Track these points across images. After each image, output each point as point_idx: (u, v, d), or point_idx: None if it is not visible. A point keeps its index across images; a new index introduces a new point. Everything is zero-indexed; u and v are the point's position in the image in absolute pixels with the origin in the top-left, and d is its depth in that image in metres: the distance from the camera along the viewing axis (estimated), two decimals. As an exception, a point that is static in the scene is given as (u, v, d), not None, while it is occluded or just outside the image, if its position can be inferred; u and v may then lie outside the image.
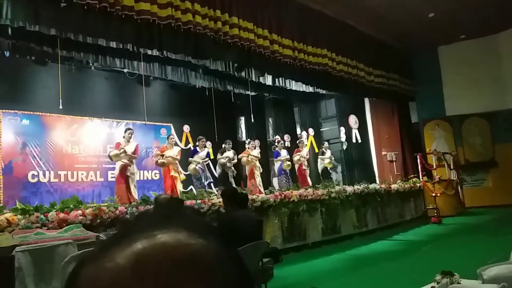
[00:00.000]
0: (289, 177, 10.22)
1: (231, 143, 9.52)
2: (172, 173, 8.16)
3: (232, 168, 9.26)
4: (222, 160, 9.15)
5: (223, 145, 9.45)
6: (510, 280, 1.92)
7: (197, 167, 8.70)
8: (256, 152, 9.63)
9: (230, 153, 9.34)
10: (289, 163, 10.22)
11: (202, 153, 8.97)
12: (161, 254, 0.35)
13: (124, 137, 7.69)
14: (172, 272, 0.34)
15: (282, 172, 10.16)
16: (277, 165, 10.38)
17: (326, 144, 11.40)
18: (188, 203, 6.20)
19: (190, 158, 8.89)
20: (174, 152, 8.34)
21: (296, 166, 10.46)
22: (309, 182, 9.98)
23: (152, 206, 4.25)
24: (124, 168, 7.44)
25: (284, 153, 10.37)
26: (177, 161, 8.34)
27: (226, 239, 0.41)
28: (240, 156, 9.49)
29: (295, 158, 10.37)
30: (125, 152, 7.38)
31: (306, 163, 10.61)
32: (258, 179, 9.39)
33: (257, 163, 9.55)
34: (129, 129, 7.85)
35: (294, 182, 9.76)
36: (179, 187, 8.18)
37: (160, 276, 0.34)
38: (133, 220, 0.41)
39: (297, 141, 11.06)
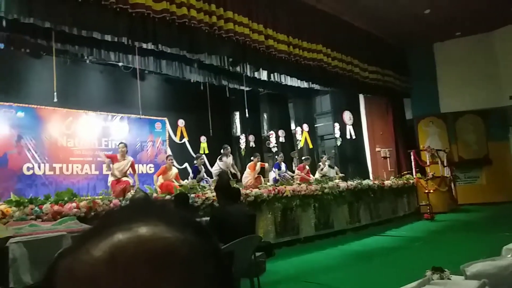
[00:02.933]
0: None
1: (229, 148, 9.46)
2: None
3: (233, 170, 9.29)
4: (222, 167, 9.03)
5: (221, 150, 9.37)
6: (492, 276, 1.95)
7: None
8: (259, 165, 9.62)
9: (229, 159, 9.31)
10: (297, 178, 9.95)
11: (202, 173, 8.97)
12: (135, 246, 0.36)
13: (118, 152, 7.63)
14: (145, 265, 0.35)
15: (278, 180, 9.71)
16: (272, 175, 10.22)
17: (324, 157, 11.19)
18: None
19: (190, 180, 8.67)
20: (173, 174, 8.20)
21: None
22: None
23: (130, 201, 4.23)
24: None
25: (283, 167, 10.12)
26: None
27: (205, 233, 0.41)
28: (244, 178, 9.42)
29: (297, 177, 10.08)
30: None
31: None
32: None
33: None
34: (122, 143, 7.69)
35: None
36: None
37: (133, 269, 0.34)
38: (113, 212, 0.42)
39: (303, 158, 10.87)
